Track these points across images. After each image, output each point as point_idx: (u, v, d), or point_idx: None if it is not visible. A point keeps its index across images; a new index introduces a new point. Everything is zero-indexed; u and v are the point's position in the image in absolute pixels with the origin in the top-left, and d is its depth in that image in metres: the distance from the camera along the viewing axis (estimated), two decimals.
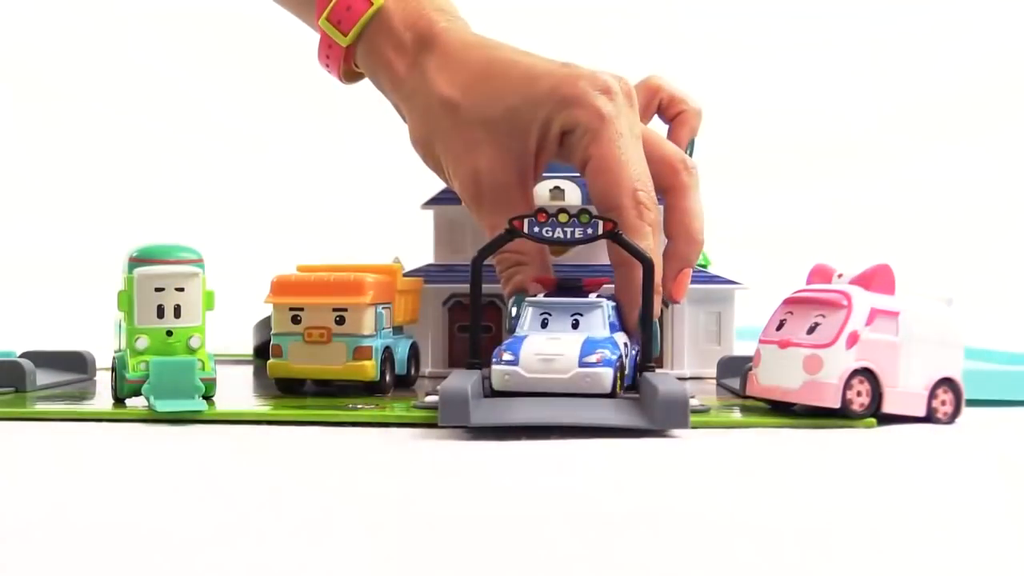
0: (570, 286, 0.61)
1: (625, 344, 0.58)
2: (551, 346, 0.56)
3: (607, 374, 0.55)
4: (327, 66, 0.71)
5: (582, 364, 0.55)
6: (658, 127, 0.75)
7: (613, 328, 0.59)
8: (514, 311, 0.62)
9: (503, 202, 0.63)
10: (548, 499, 0.38)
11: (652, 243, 0.61)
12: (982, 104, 1.91)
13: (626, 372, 0.58)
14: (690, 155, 0.73)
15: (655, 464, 0.45)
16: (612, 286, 0.63)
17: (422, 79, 0.66)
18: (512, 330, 0.61)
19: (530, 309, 0.59)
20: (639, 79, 0.75)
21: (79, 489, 0.40)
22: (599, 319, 0.58)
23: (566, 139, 0.63)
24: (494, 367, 0.56)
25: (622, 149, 0.61)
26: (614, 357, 0.55)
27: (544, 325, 0.58)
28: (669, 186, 0.66)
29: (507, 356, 0.56)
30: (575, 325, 0.58)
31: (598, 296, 0.60)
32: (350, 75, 0.71)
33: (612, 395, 0.55)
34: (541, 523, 0.35)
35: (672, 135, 0.75)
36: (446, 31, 0.66)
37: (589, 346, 0.56)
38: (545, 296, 0.60)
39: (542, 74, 0.63)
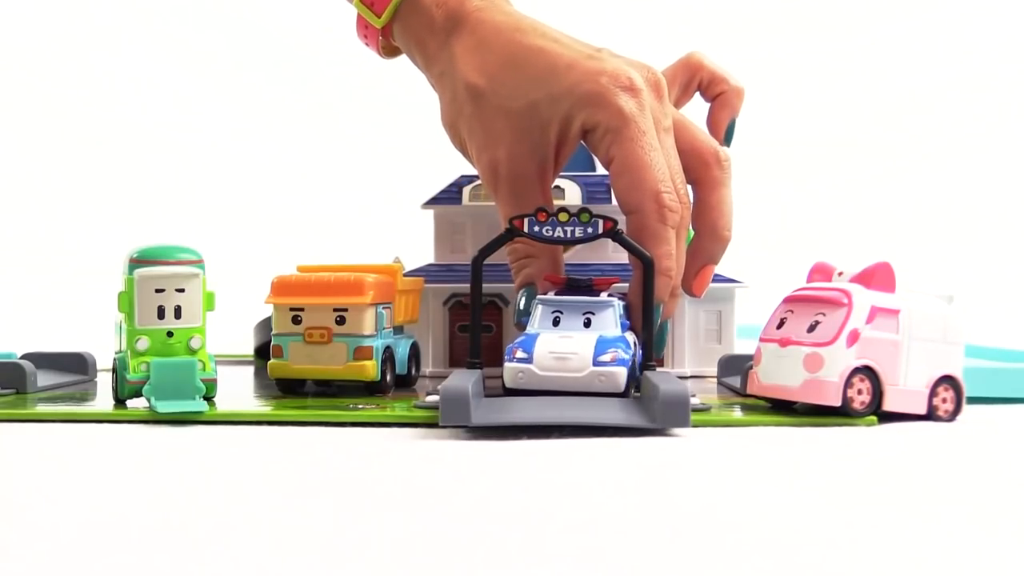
0: (580, 285, 0.61)
1: (634, 343, 0.58)
2: (564, 344, 0.56)
3: (621, 373, 0.55)
4: (366, 43, 0.71)
5: (596, 363, 0.55)
6: (698, 105, 0.73)
7: (624, 327, 0.59)
8: (522, 304, 0.63)
9: (520, 193, 0.63)
10: (549, 499, 0.38)
11: (673, 247, 0.61)
12: (983, 100, 1.91)
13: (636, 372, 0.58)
14: (730, 137, 0.72)
15: (656, 463, 0.45)
16: (620, 285, 0.63)
17: (450, 61, 0.65)
18: (521, 325, 0.61)
19: (541, 307, 0.59)
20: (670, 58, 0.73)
21: (80, 491, 0.40)
22: (611, 318, 0.58)
23: (588, 137, 0.62)
24: (507, 364, 0.56)
25: (645, 149, 0.60)
26: (627, 356, 0.55)
27: (556, 323, 0.58)
28: (699, 179, 0.65)
29: (520, 354, 0.56)
30: (587, 324, 0.58)
31: (608, 295, 0.60)
32: (389, 50, 0.71)
33: (625, 394, 0.55)
34: (542, 523, 0.35)
35: (712, 116, 0.73)
36: (478, 11, 0.65)
37: (603, 345, 0.56)
38: (555, 295, 0.60)
39: (565, 67, 0.62)
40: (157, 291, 0.57)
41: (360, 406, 0.58)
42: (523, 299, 0.63)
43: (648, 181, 0.60)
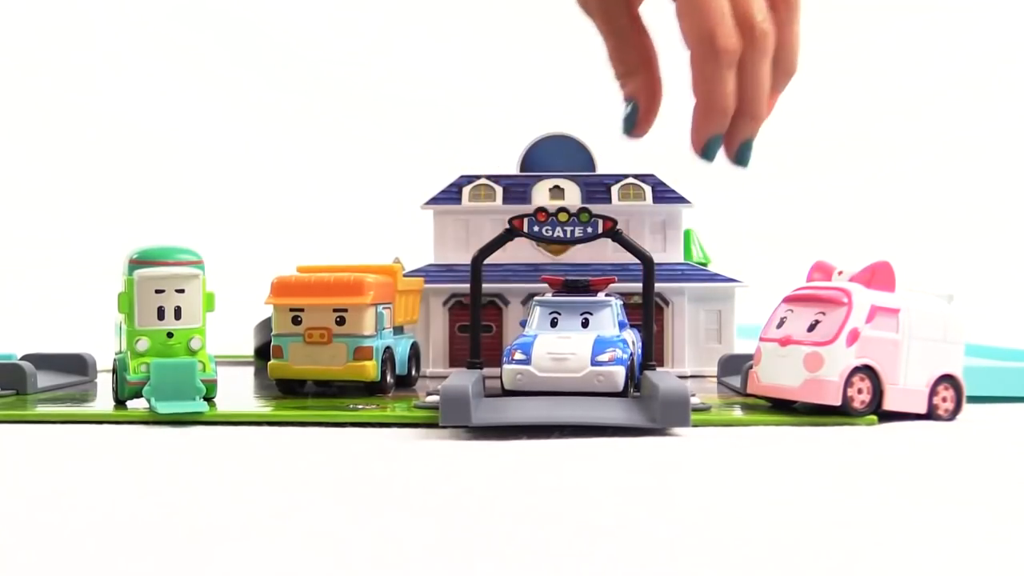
0: (577, 285, 0.61)
1: (632, 342, 0.59)
2: (562, 345, 0.56)
3: (619, 372, 0.55)
4: None
5: (594, 363, 0.55)
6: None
7: (622, 327, 0.59)
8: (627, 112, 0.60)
9: (608, 8, 0.61)
10: (549, 498, 0.38)
11: (720, 85, 0.56)
12: (984, 101, 1.91)
13: (635, 371, 0.58)
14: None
15: (656, 463, 0.45)
16: (617, 285, 0.63)
17: None
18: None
19: (538, 309, 0.59)
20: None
21: (80, 491, 0.40)
22: (608, 318, 0.58)
23: None
24: (506, 366, 0.56)
25: None
26: (625, 356, 0.55)
27: (553, 324, 0.59)
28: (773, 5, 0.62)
29: (519, 355, 0.56)
30: (585, 324, 0.58)
31: (606, 295, 0.60)
32: None
33: (623, 393, 0.55)
34: (542, 522, 0.35)
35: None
36: None
37: (600, 345, 0.56)
38: (552, 295, 0.61)
39: None
40: (157, 292, 0.57)
41: (360, 406, 0.58)
42: (629, 109, 0.60)
43: (703, 21, 0.57)
